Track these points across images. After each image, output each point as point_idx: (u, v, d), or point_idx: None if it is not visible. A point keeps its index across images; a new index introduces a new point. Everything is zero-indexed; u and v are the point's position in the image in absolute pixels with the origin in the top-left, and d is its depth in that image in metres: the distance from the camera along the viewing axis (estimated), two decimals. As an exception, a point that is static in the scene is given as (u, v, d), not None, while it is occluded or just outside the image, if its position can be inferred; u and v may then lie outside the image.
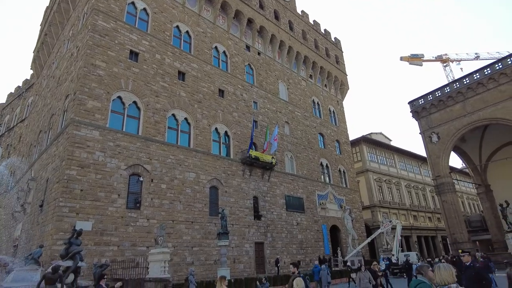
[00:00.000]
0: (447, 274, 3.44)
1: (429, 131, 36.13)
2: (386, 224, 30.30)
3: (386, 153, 48.21)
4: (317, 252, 29.91)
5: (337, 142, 39.74)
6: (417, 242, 45.31)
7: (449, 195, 34.02)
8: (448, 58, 72.78)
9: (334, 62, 43.77)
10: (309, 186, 32.57)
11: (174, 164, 21.71)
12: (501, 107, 30.80)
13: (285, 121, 33.23)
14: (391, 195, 45.16)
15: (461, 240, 32.23)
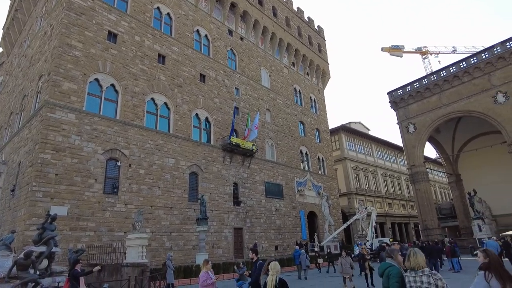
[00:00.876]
0: (421, 259, 3.58)
1: (406, 121, 37.11)
2: (361, 211, 31.22)
3: (364, 142, 49.27)
4: (295, 237, 30.61)
5: (317, 131, 40.24)
6: (391, 228, 47.05)
7: (423, 184, 35.35)
8: (427, 50, 74.31)
9: (317, 50, 43.85)
10: (288, 173, 33.00)
11: (153, 150, 21.43)
12: (474, 100, 31.93)
13: (266, 108, 33.25)
14: (368, 183, 46.43)
15: (431, 227, 33.72)
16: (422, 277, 3.35)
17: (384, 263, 4.18)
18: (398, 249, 4.51)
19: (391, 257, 4.17)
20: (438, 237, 30.74)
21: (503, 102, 29.89)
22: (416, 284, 3.35)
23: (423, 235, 34.37)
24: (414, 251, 3.66)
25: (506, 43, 30.68)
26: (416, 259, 3.53)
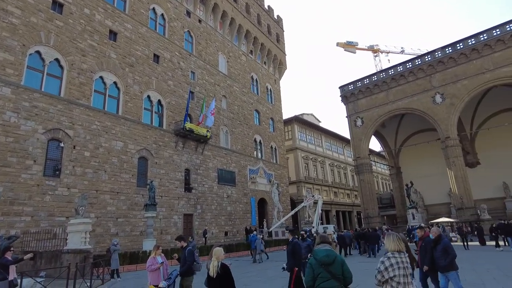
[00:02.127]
0: (403, 243, 3.85)
1: (355, 115, 39.07)
2: (309, 199, 32.54)
3: (315, 133, 51.06)
4: (245, 223, 31.19)
5: (272, 120, 40.88)
6: (336, 216, 49.74)
7: (366, 175, 37.73)
8: (378, 49, 78.21)
9: (275, 40, 44.11)
10: (242, 160, 33.29)
11: (100, 131, 20.35)
12: (416, 99, 34.48)
13: (222, 95, 32.98)
14: (316, 172, 48.40)
15: (372, 215, 36.30)
16: (403, 258, 3.65)
17: (330, 250, 3.98)
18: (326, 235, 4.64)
19: (329, 243, 4.15)
20: (378, 225, 33.24)
21: (440, 102, 32.64)
22: (403, 264, 3.61)
23: (365, 222, 36.87)
24: (398, 236, 3.88)
25: (446, 48, 33.33)
26: (400, 242, 3.76)
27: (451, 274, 6.15)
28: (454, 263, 6.18)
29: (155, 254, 6.51)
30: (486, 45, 30.78)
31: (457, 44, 32.75)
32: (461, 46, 32.39)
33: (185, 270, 6.33)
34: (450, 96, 32.23)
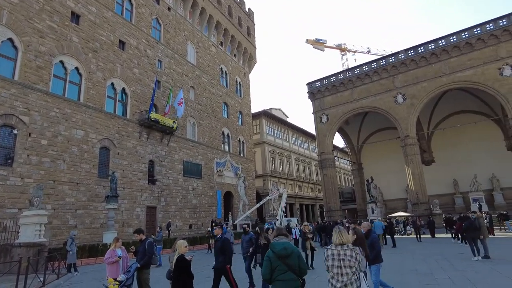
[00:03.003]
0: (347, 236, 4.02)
1: (321, 112, 39.99)
2: (274, 192, 33.01)
3: (282, 128, 51.71)
4: (210, 216, 31.09)
5: (240, 113, 40.83)
6: (299, 209, 50.93)
7: (330, 170, 38.88)
8: (346, 48, 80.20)
9: (246, 33, 43.90)
10: (208, 153, 33.03)
11: (59, 119, 19.30)
12: (379, 98, 35.88)
13: (190, 86, 32.41)
14: (282, 166, 49.15)
15: (334, 209, 37.54)
16: (346, 251, 3.78)
17: (287, 243, 4.05)
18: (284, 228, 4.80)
19: (286, 235, 4.24)
20: (339, 218, 34.48)
21: (401, 102, 34.21)
22: (339, 256, 3.75)
23: (327, 215, 38.06)
24: (341, 229, 4.02)
25: (408, 51, 34.88)
26: (344, 235, 3.92)
27: (374, 267, 6.54)
28: (379, 256, 6.58)
29: (115, 246, 6.35)
30: (444, 50, 32.57)
31: (419, 47, 34.37)
32: (422, 50, 34.03)
33: (146, 263, 6.25)
34: (410, 96, 33.86)
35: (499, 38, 30.03)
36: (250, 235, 8.54)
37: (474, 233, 11.81)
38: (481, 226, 12.46)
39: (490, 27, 30.69)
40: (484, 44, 30.72)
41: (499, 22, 30.36)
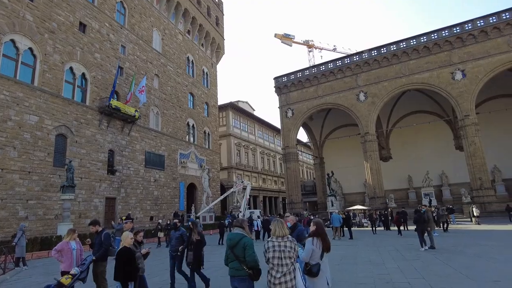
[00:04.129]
0: (286, 228, 4.16)
1: (286, 106, 40.56)
2: (238, 185, 33.18)
3: (248, 121, 51.86)
4: (172, 208, 30.63)
5: (206, 105, 40.34)
6: (263, 201, 51.63)
7: (293, 163, 39.69)
8: (313, 44, 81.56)
9: (214, 23, 43.23)
10: (172, 144, 32.39)
11: (9, 103, 17.97)
12: (343, 95, 37.02)
13: (155, 74, 31.46)
14: (247, 159, 49.43)
15: (296, 201, 38.45)
16: (287, 243, 3.94)
17: (236, 234, 4.26)
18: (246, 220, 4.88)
19: (242, 227, 4.37)
20: (300, 210, 35.41)
21: (363, 100, 35.53)
22: (280, 248, 3.90)
23: (289, 208, 38.91)
24: (280, 221, 4.20)
25: (372, 51, 36.20)
26: (283, 228, 4.08)
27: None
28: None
29: (70, 238, 6.08)
30: (404, 53, 34.16)
31: (382, 48, 35.76)
32: (384, 51, 35.45)
33: (102, 255, 6.08)
34: (372, 95, 35.25)
35: (453, 44, 32.00)
36: (181, 231, 7.63)
37: (423, 225, 12.68)
38: (429, 219, 13.40)
39: (445, 33, 32.59)
40: (439, 49, 32.61)
41: (453, 29, 32.33)
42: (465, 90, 30.84)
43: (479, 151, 29.86)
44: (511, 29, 29.77)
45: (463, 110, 30.75)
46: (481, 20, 31.21)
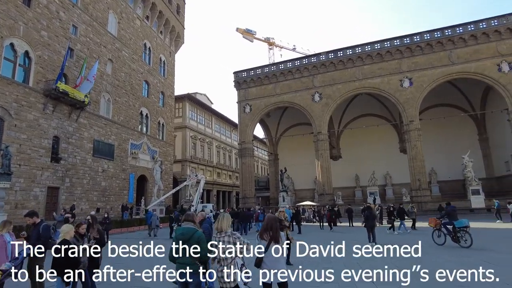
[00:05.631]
0: (227, 223, 4.25)
1: (245, 102, 40.69)
2: (192, 178, 32.74)
3: (205, 114, 51.23)
4: (120, 200, 29.47)
5: (162, 94, 39.15)
6: (216, 195, 51.47)
7: (248, 159, 40.03)
8: (274, 42, 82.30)
9: (175, 11, 41.95)
10: (123, 133, 31.05)
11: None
12: (299, 95, 37.97)
13: (108, 58, 29.87)
14: (203, 153, 48.89)
15: (249, 196, 38.87)
16: (225, 237, 4.08)
17: (188, 228, 4.23)
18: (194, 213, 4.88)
19: (193, 221, 4.37)
20: (253, 205, 35.86)
21: (318, 101, 36.74)
22: (221, 243, 4.04)
23: (242, 202, 39.23)
24: (223, 215, 4.30)
25: (329, 54, 37.49)
26: (223, 222, 4.19)
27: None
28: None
29: (4, 230, 5.62)
30: (359, 57, 35.83)
31: (338, 51, 37.17)
32: (340, 54, 36.88)
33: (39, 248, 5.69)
34: (326, 96, 36.57)
35: (403, 53, 34.19)
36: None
37: (373, 222, 13.56)
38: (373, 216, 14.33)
39: (397, 42, 34.69)
40: (391, 57, 34.66)
41: (404, 40, 34.53)
42: (411, 97, 33.16)
43: (419, 154, 32.34)
44: (452, 44, 32.45)
45: (408, 116, 33.06)
46: (427, 34, 33.64)
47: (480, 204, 28.72)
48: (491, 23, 31.54)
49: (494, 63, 30.80)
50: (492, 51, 31.13)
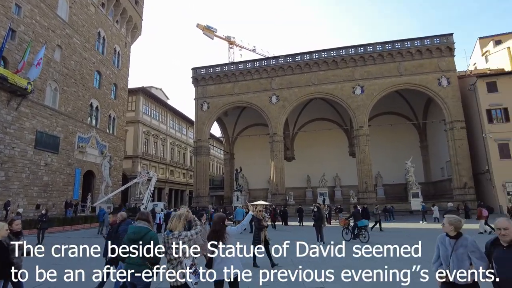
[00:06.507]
0: (179, 223, 4.20)
1: (202, 99, 40.25)
2: (143, 175, 31.68)
3: (161, 110, 49.79)
4: (64, 196, 27.67)
5: (115, 86, 37.38)
6: (169, 194, 50.23)
7: (203, 157, 39.65)
8: (234, 41, 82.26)
9: (133, 0, 40.27)
10: (70, 125, 29.18)
11: None
12: (257, 96, 38.42)
13: (57, 44, 27.89)
14: (156, 149, 47.45)
15: (203, 195, 38.51)
16: (172, 239, 4.06)
17: (140, 227, 4.19)
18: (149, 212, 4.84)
19: (148, 220, 4.34)
20: (206, 204, 35.58)
21: (275, 103, 37.47)
22: (168, 244, 4.02)
23: (195, 201, 38.75)
24: (177, 215, 4.27)
25: (287, 57, 38.38)
26: (176, 222, 4.17)
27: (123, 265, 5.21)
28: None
29: None
30: (315, 63, 37.12)
31: (296, 56, 38.22)
32: (298, 59, 37.95)
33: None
34: (283, 99, 37.41)
35: (357, 62, 36.04)
36: None
37: (322, 221, 14.20)
38: (322, 216, 14.98)
39: (351, 51, 36.48)
40: (345, 65, 36.37)
41: (358, 49, 36.42)
42: (362, 104, 35.07)
43: (367, 158, 34.31)
44: (401, 57, 34.86)
45: (358, 122, 34.91)
46: (380, 45, 35.81)
47: (419, 207, 31.31)
48: (434, 41, 34.42)
49: (435, 77, 33.68)
50: (434, 66, 34.00)
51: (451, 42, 34.04)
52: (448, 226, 3.58)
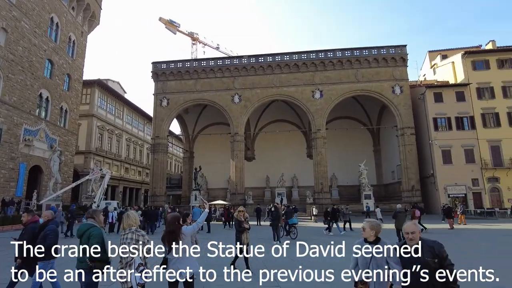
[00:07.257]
0: (133, 220, 4.24)
1: (162, 95, 39.21)
2: (96, 172, 30.24)
3: (117, 104, 47.71)
4: (5, 193, 25.58)
5: (68, 77, 35.23)
6: (123, 192, 48.25)
7: (161, 155, 38.65)
8: (198, 38, 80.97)
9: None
10: (15, 116, 27.04)
11: None
12: (219, 94, 38.22)
13: (2, 27, 25.69)
14: (110, 145, 45.38)
15: (159, 194, 37.51)
16: (128, 234, 4.10)
17: (85, 224, 4.35)
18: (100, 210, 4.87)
19: (93, 218, 4.42)
20: (163, 203, 34.70)
21: (237, 102, 37.52)
22: (124, 240, 4.07)
23: (151, 200, 37.63)
24: (127, 214, 4.33)
25: (251, 58, 38.64)
26: (128, 220, 4.21)
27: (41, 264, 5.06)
28: (49, 252, 5.02)
29: None
30: (278, 65, 37.73)
31: (259, 57, 38.59)
32: (261, 60, 38.35)
33: None
34: (245, 99, 37.57)
35: (317, 67, 37.19)
36: None
37: (278, 221, 14.50)
38: (279, 215, 15.31)
39: (313, 56, 37.59)
40: (306, 69, 37.37)
41: (319, 54, 37.62)
42: (321, 108, 36.24)
43: (323, 160, 35.51)
44: (359, 64, 36.56)
45: (316, 125, 36.04)
46: (339, 52, 37.28)
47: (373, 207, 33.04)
48: (390, 51, 36.57)
49: (390, 85, 35.77)
50: (389, 74, 36.09)
51: (404, 53, 36.36)
52: (369, 230, 3.48)
